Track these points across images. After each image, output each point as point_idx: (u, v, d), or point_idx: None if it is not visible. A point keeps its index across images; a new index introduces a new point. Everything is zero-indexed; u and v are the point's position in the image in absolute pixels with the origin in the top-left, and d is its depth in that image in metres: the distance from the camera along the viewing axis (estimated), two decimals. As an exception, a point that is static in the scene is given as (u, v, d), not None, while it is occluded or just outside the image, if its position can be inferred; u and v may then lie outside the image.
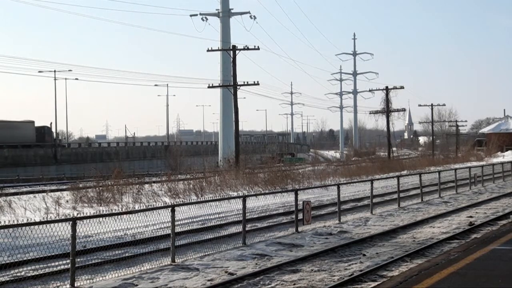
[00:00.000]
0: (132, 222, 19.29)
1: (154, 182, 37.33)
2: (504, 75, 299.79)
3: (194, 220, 21.75)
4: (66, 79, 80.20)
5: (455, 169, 37.84)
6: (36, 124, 71.52)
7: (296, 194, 19.87)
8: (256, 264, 14.57)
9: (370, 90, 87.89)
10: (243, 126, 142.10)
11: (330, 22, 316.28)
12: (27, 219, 19.51)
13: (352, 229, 20.15)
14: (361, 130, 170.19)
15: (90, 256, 15.29)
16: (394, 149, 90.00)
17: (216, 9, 71.39)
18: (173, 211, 15.00)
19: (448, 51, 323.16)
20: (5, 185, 41.14)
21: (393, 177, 35.49)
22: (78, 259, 13.49)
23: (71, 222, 12.38)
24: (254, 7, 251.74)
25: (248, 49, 49.91)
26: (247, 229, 17.83)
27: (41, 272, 13.77)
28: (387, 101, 72.84)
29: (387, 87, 74.02)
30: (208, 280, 12.83)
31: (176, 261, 14.57)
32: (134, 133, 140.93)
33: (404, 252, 15.78)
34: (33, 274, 13.63)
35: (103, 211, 24.42)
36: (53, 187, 39.16)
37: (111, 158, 68.42)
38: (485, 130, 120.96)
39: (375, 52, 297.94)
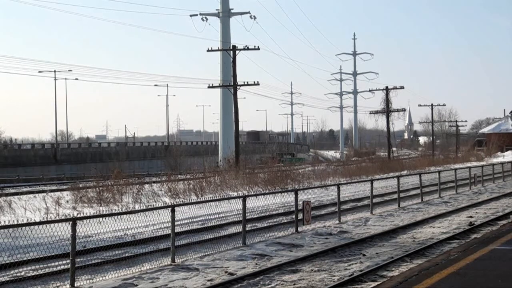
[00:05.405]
0: (132, 222, 19.28)
1: (154, 182, 37.31)
2: (504, 75, 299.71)
3: (194, 220, 21.74)
4: (66, 79, 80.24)
5: (455, 169, 37.83)
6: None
7: (296, 194, 19.86)
8: (256, 264, 14.57)
9: (370, 90, 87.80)
10: (243, 126, 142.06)
11: (330, 22, 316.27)
12: (27, 219, 19.51)
13: (352, 229, 20.14)
14: (361, 130, 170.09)
15: (90, 256, 15.28)
16: (394, 149, 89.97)
17: (216, 9, 71.38)
18: (173, 211, 15.00)
19: (448, 51, 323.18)
20: (5, 185, 41.18)
21: (393, 177, 35.50)
22: (78, 259, 13.49)
23: (71, 222, 12.38)
24: (254, 7, 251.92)
25: (248, 49, 49.91)
26: (247, 229, 17.83)
27: (41, 272, 13.77)
28: (387, 101, 72.85)
29: (387, 87, 74.04)
30: (208, 280, 12.83)
31: (176, 261, 14.56)
32: (134, 133, 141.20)
33: (404, 252, 15.78)
34: (33, 274, 13.63)
35: (103, 211, 24.42)
36: (53, 187, 39.15)
37: (111, 158, 68.33)
38: (485, 130, 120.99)
39: (375, 52, 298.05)
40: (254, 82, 50.18)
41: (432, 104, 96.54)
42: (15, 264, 13.82)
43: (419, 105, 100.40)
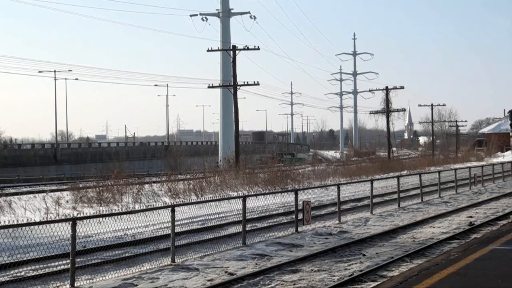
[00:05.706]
0: (132, 222, 19.29)
1: (154, 182, 37.31)
2: (504, 75, 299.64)
3: (194, 220, 21.75)
4: (66, 79, 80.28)
5: (455, 169, 37.82)
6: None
7: (296, 194, 19.86)
8: (256, 264, 14.57)
9: (370, 90, 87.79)
10: (243, 126, 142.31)
11: (330, 22, 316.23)
12: (27, 219, 19.52)
13: (352, 229, 20.14)
14: (361, 130, 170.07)
15: (90, 256, 15.29)
16: (394, 149, 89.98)
17: (216, 9, 71.39)
18: (173, 211, 15.00)
19: (448, 51, 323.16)
20: (5, 185, 41.18)
21: (393, 177, 35.50)
22: (78, 259, 13.49)
23: (71, 222, 12.38)
24: (254, 7, 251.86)
25: (248, 49, 49.92)
26: (247, 229, 17.83)
27: (41, 272, 13.77)
28: (387, 101, 72.87)
29: (387, 87, 74.04)
30: (208, 280, 12.83)
31: (176, 261, 14.57)
32: (134, 133, 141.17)
33: (404, 252, 15.78)
34: (33, 274, 13.64)
35: (103, 211, 24.42)
36: (53, 187, 39.15)
37: (111, 158, 68.30)
38: (485, 130, 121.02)
39: (375, 52, 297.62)
40: (254, 82, 50.21)
41: (432, 104, 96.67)
42: (15, 264, 13.82)
43: (419, 105, 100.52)
